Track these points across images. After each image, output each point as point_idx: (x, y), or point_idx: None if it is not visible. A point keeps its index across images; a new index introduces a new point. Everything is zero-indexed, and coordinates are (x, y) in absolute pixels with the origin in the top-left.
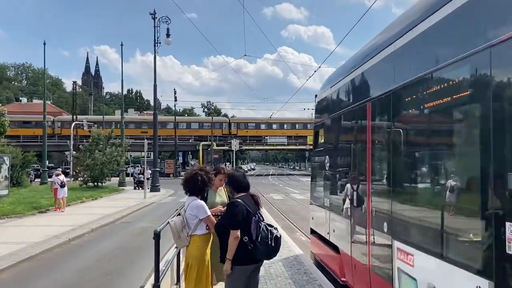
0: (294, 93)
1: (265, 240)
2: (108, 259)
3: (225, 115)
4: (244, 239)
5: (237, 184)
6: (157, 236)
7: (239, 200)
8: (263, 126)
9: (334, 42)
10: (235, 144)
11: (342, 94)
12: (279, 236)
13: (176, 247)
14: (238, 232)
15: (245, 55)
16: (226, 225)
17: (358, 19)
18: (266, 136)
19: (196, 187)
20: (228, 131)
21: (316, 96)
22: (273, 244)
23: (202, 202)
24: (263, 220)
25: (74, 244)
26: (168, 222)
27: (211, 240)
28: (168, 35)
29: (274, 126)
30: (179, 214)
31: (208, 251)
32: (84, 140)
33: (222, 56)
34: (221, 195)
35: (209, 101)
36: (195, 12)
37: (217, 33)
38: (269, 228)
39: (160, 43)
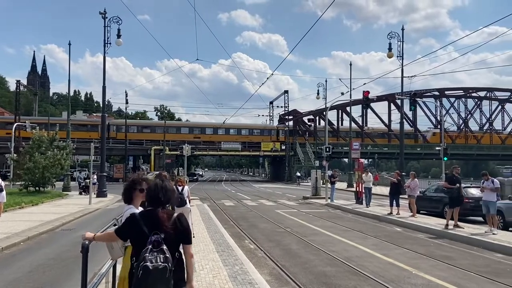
0: (247, 99)
1: (149, 267)
2: (42, 270)
3: (179, 119)
4: (131, 259)
5: (147, 197)
6: (85, 250)
7: (136, 213)
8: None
9: (288, 50)
10: (186, 149)
11: None
12: (162, 267)
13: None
14: (114, 234)
15: (197, 59)
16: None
17: (309, 29)
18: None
19: (132, 195)
20: (276, 137)
21: (271, 102)
22: (158, 276)
23: (135, 211)
24: (163, 244)
25: (7, 253)
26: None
27: None
28: (119, 36)
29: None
30: (115, 225)
31: None
32: (24, 143)
33: (175, 60)
34: None
35: (163, 105)
36: (148, 14)
37: (171, 36)
38: (161, 255)
39: (110, 43)
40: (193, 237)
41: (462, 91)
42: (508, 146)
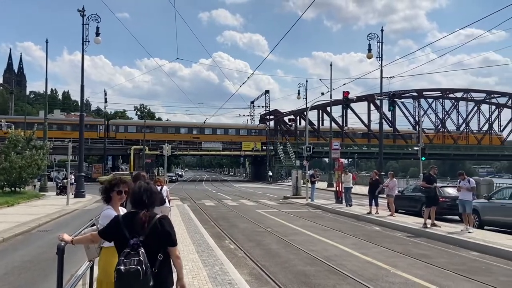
0: (228, 99)
1: (121, 270)
2: (17, 273)
3: (159, 119)
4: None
5: (131, 199)
6: (61, 252)
7: (119, 216)
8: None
9: (268, 50)
10: (167, 149)
11: None
12: (134, 270)
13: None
14: (97, 235)
15: (177, 58)
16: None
17: (289, 29)
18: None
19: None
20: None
21: (252, 102)
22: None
23: (112, 212)
24: (141, 247)
25: None
26: (79, 233)
27: None
28: (97, 34)
29: None
30: (93, 225)
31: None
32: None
33: (155, 58)
34: None
35: (142, 104)
36: (128, 12)
37: (151, 34)
38: (135, 259)
39: (89, 41)
40: None
41: (439, 92)
42: (483, 146)
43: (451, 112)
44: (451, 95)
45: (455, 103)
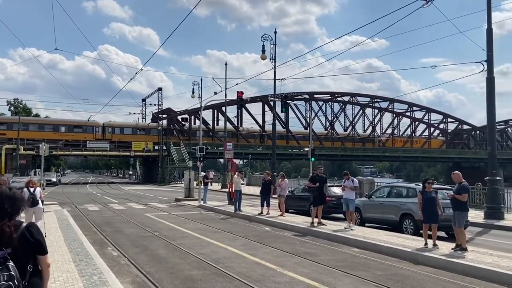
0: (115, 95)
1: None
2: None
3: (37, 115)
4: None
5: None
6: None
7: None
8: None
9: (160, 45)
10: (44, 149)
11: None
12: (6, 286)
13: None
14: None
15: (56, 49)
16: None
17: (179, 23)
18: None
19: None
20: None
21: (143, 100)
22: None
23: None
24: (9, 260)
25: None
26: None
27: None
28: None
29: None
30: None
31: None
32: None
33: (31, 49)
34: None
35: (17, 99)
36: None
37: (27, 21)
38: (5, 274)
39: None
40: (45, 236)
41: (329, 95)
42: (367, 148)
43: (340, 114)
44: (339, 99)
45: (343, 106)
